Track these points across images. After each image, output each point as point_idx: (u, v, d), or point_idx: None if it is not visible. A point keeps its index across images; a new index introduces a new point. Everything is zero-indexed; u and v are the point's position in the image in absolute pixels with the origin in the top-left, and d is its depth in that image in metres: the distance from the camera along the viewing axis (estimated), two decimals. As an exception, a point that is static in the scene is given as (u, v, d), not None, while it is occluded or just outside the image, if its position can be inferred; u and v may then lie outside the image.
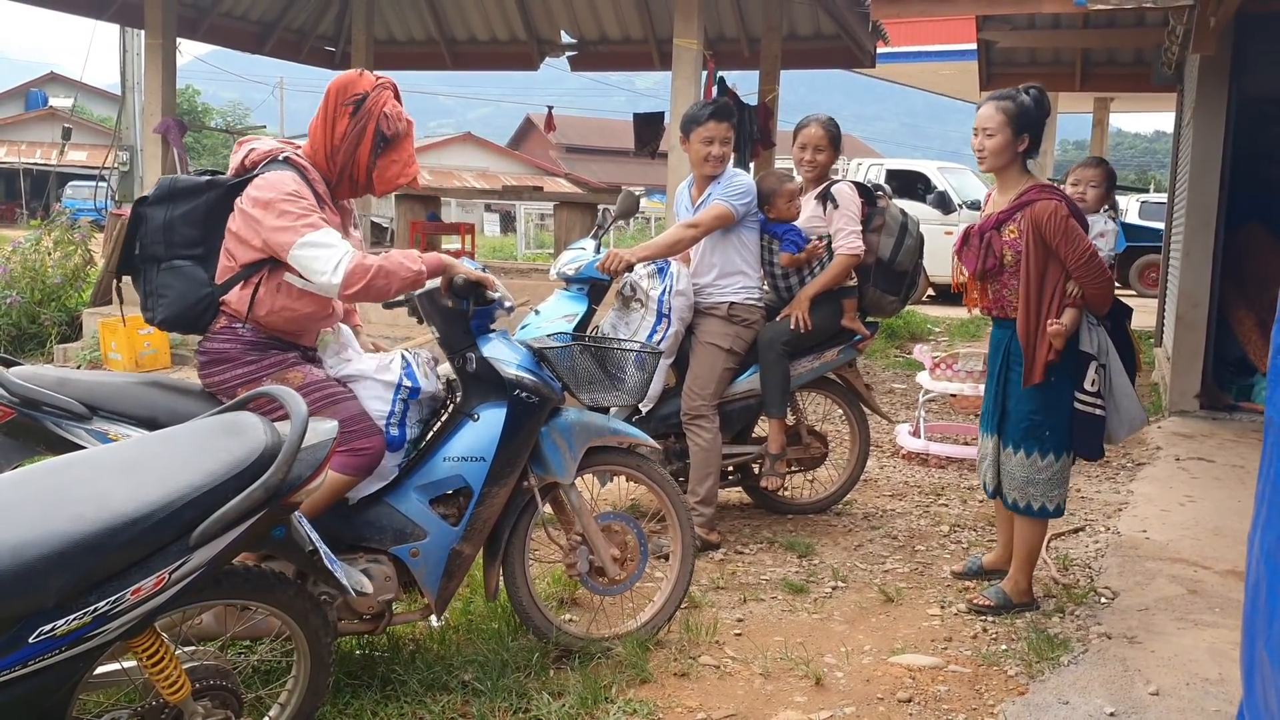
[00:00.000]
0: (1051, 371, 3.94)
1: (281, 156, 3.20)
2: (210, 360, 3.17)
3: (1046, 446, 4.01)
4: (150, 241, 3.17)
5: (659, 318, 4.72)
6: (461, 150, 48.73)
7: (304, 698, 2.74)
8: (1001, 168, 4.05)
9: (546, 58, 14.29)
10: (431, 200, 13.94)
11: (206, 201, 3.18)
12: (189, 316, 3.18)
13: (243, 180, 3.17)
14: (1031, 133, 3.98)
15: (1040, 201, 3.90)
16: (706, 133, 4.75)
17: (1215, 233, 7.79)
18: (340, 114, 3.21)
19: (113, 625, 2.13)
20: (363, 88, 3.22)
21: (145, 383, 3.12)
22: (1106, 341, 4.03)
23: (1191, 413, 7.77)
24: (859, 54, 12.65)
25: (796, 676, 3.56)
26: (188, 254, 3.18)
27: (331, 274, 3.00)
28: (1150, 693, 3.42)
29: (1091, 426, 4.00)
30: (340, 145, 3.22)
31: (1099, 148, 24.23)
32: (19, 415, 2.85)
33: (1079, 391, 3.97)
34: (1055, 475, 4.04)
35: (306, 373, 3.17)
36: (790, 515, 5.41)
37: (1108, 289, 3.96)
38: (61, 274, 10.38)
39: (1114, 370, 4.06)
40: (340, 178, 3.27)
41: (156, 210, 3.18)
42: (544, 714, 3.16)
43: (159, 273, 3.17)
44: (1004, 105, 3.97)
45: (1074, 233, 3.87)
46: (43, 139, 39.04)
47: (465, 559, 3.35)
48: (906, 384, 9.26)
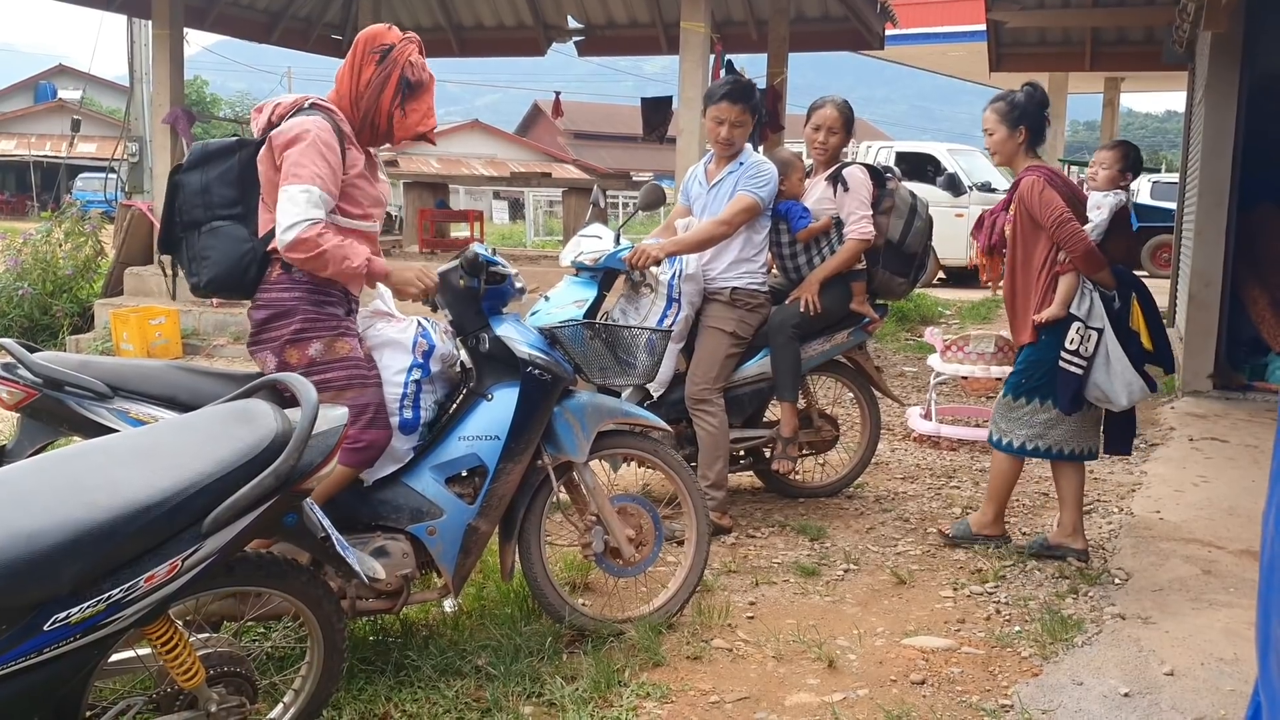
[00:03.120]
0: (1043, 330, 4.35)
1: (308, 104, 3.27)
2: (268, 316, 3.19)
3: (1020, 390, 4.45)
4: (189, 207, 3.24)
5: (669, 302, 4.72)
6: (469, 137, 48.67)
7: (318, 683, 2.75)
8: (1008, 160, 4.53)
9: (554, 43, 14.24)
10: (440, 188, 13.95)
11: (240, 160, 3.26)
12: (234, 273, 3.21)
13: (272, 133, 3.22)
14: (1028, 123, 4.41)
15: (1024, 178, 4.37)
16: (718, 112, 4.75)
17: (1228, 212, 7.74)
18: (367, 61, 3.29)
19: (127, 612, 2.14)
20: (390, 39, 3.32)
21: (165, 365, 3.18)
22: (1100, 308, 4.32)
23: (1205, 393, 7.74)
24: (867, 36, 12.57)
25: (809, 659, 3.57)
26: (227, 214, 3.24)
27: (284, 230, 3.08)
28: (1165, 673, 3.42)
29: (1068, 381, 4.32)
30: (365, 91, 3.29)
31: (1109, 128, 24.09)
32: (42, 396, 2.91)
33: (1063, 349, 4.31)
34: (1024, 417, 4.44)
35: (353, 347, 3.23)
36: (802, 499, 5.41)
37: (1084, 252, 4.25)
38: (73, 265, 10.41)
39: (1109, 339, 4.31)
40: (363, 124, 3.33)
41: (192, 176, 3.25)
42: (558, 698, 3.17)
43: (200, 237, 3.23)
44: (997, 106, 4.46)
45: (1048, 200, 4.28)
46: (52, 131, 39.15)
47: (481, 536, 3.38)
48: (917, 367, 9.24)
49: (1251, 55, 7.61)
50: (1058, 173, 4.43)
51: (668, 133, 13.27)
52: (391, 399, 3.29)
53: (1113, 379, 4.31)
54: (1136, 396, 4.36)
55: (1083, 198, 4.47)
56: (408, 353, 3.34)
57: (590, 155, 47.24)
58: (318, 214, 3.11)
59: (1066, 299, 4.29)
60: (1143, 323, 4.46)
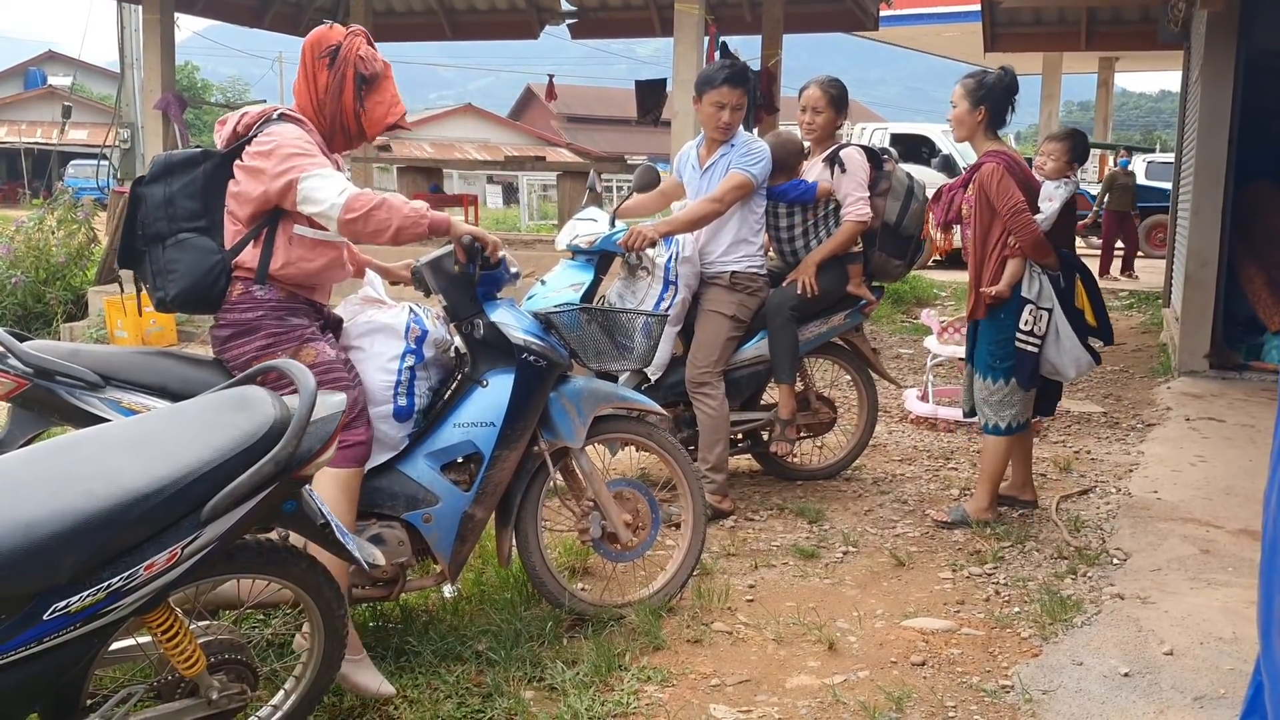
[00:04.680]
0: (1001, 311, 4.60)
1: (276, 115, 3.18)
2: (231, 334, 3.11)
3: (997, 374, 4.65)
4: (153, 220, 3.12)
5: (665, 285, 4.70)
6: (462, 122, 48.51)
7: (319, 670, 2.74)
8: (967, 136, 4.68)
9: (546, 26, 14.18)
10: (434, 172, 13.91)
11: (204, 172, 3.14)
12: (202, 287, 3.10)
13: (238, 146, 3.14)
14: (989, 104, 4.56)
15: (985, 164, 4.56)
16: (719, 97, 4.72)
17: (1224, 190, 7.73)
18: (319, 67, 3.21)
19: (126, 601, 2.13)
20: (335, 39, 3.22)
21: (156, 353, 3.15)
22: (1049, 289, 4.60)
23: (1201, 372, 7.74)
24: (862, 17, 12.54)
25: (809, 641, 3.57)
26: (191, 226, 3.12)
27: (336, 197, 3.00)
28: (1164, 652, 3.43)
29: (1025, 359, 4.62)
30: (325, 98, 3.21)
31: (1104, 108, 24.07)
32: (33, 386, 2.87)
33: (1018, 330, 4.59)
34: (1004, 398, 4.66)
35: (320, 351, 3.13)
36: (800, 481, 5.41)
37: (1033, 242, 4.51)
38: (66, 253, 10.35)
39: (1058, 317, 4.62)
40: (333, 130, 3.26)
41: (155, 188, 3.13)
42: (558, 682, 3.17)
43: (164, 250, 3.12)
44: (966, 82, 4.61)
45: (1005, 188, 4.50)
46: (43, 118, 38.91)
47: (478, 523, 3.36)
48: (914, 349, 9.24)
49: (1246, 32, 7.58)
50: (1016, 159, 4.63)
51: (662, 115, 13.22)
52: (385, 386, 3.24)
53: (1062, 354, 4.66)
54: (1084, 369, 4.76)
55: (1036, 185, 4.70)
56: (400, 339, 3.30)
57: (584, 139, 47.09)
58: (346, 183, 3.06)
59: (1012, 280, 4.55)
60: (1086, 301, 4.78)
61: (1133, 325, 11.01)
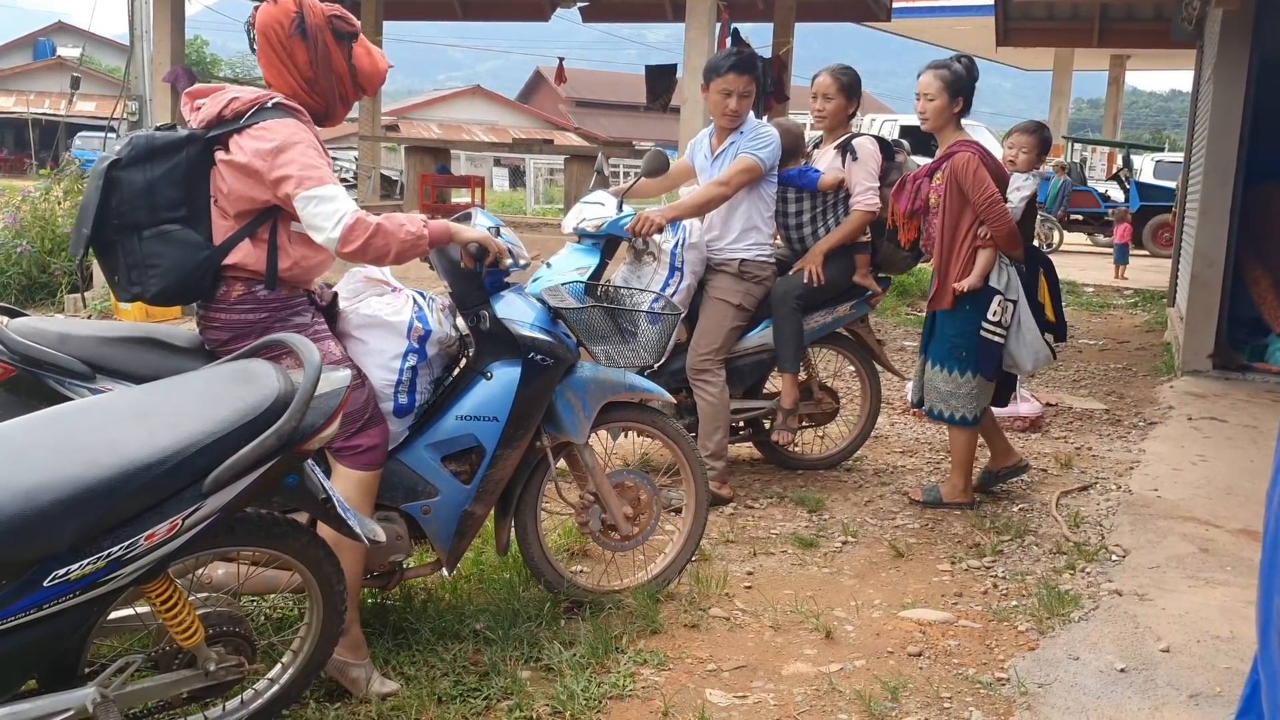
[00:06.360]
0: (966, 302, 4.62)
1: (271, 103, 2.94)
2: (232, 335, 2.93)
3: (964, 365, 4.67)
4: (131, 208, 2.83)
5: (671, 270, 4.70)
6: (471, 104, 48.43)
7: (316, 645, 2.75)
8: (940, 128, 4.69)
9: (558, 9, 14.13)
10: (441, 153, 13.89)
11: (187, 157, 2.87)
12: (189, 283, 2.89)
13: (225, 132, 2.90)
14: (965, 96, 4.63)
15: (959, 154, 4.57)
16: (725, 84, 4.70)
17: (1233, 191, 7.70)
18: (292, 47, 2.96)
19: (127, 570, 2.14)
20: (291, 10, 2.96)
21: (150, 340, 2.94)
22: (1016, 281, 4.65)
23: (1204, 372, 7.72)
24: (874, 8, 12.51)
25: (806, 629, 3.58)
26: (172, 216, 2.86)
27: (332, 230, 2.81)
28: (1161, 649, 3.43)
29: (991, 350, 4.66)
30: (315, 74, 2.99)
31: (1114, 106, 23.97)
32: (21, 372, 2.75)
33: (984, 320, 4.62)
34: (972, 390, 4.69)
35: (328, 350, 2.98)
36: (801, 470, 5.41)
37: (1007, 233, 4.56)
38: (71, 224, 10.35)
39: (1023, 309, 4.67)
40: (330, 103, 3.06)
41: (134, 173, 2.83)
42: (555, 663, 3.18)
43: (143, 241, 2.86)
44: (942, 74, 4.60)
45: (981, 179, 4.51)
46: (51, 89, 38.88)
47: (477, 519, 3.31)
48: (918, 341, 9.21)
49: (1261, 33, 7.55)
50: (988, 151, 4.69)
51: (671, 102, 13.20)
52: (386, 384, 3.11)
53: (1023, 346, 4.71)
54: (1041, 362, 4.84)
55: (1005, 177, 4.76)
56: (402, 337, 3.14)
57: (592, 123, 47.01)
58: (351, 201, 2.88)
59: (984, 271, 4.58)
60: (1048, 296, 4.84)
61: (1137, 324, 11.00)
